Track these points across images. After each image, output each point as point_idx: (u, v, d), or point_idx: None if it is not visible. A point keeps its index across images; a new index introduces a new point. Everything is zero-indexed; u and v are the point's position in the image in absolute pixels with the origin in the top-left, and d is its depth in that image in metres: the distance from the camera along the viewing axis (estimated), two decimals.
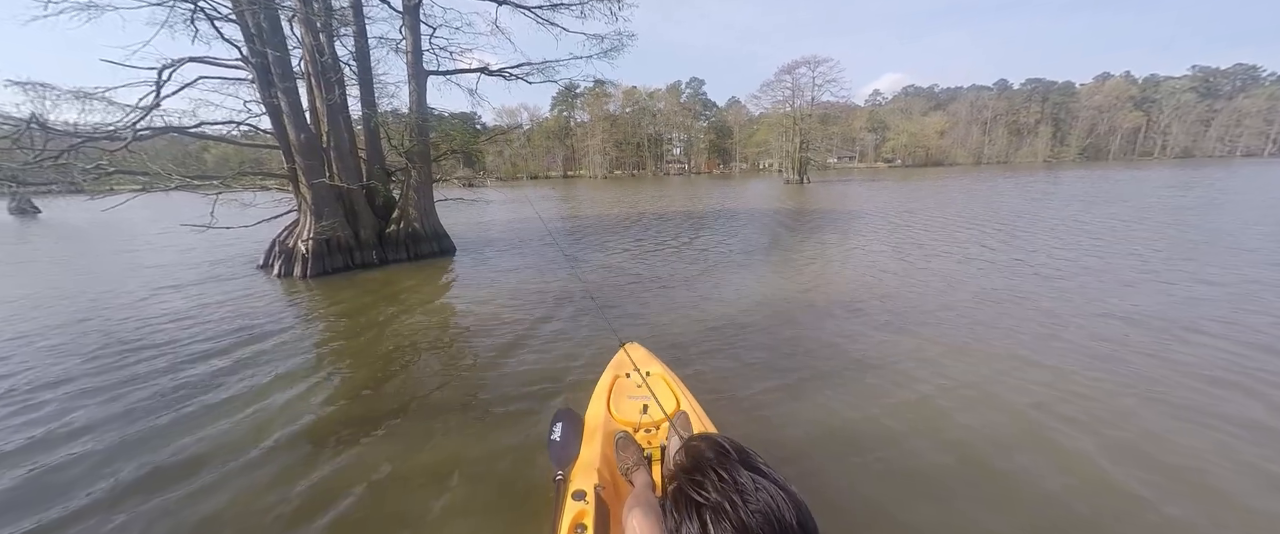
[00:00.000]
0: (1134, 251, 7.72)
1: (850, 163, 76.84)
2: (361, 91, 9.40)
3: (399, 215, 9.34)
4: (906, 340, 4.34)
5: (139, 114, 7.52)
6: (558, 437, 1.91)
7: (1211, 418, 2.94)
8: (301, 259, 7.92)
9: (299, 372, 4.16)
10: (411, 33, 9.14)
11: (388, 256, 8.99)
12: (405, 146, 9.47)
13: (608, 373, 2.53)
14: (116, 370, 4.27)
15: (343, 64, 9.23)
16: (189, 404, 3.59)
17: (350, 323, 5.64)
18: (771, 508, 0.58)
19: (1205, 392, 3.25)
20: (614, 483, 1.74)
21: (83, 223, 19.15)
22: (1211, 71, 76.32)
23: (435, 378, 4.00)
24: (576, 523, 1.45)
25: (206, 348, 4.77)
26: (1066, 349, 4.04)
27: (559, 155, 73.33)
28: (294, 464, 2.82)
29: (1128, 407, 3.11)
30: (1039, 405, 3.17)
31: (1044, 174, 35.77)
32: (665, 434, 1.94)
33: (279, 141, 8.08)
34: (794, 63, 40.08)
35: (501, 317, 5.64)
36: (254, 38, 7.52)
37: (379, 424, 3.25)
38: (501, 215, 17.90)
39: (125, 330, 5.40)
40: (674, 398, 2.21)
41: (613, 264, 8.42)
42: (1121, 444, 2.73)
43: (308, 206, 8.12)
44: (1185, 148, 73.84)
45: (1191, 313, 4.74)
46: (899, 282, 6.49)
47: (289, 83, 7.73)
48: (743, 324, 4.92)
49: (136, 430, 3.25)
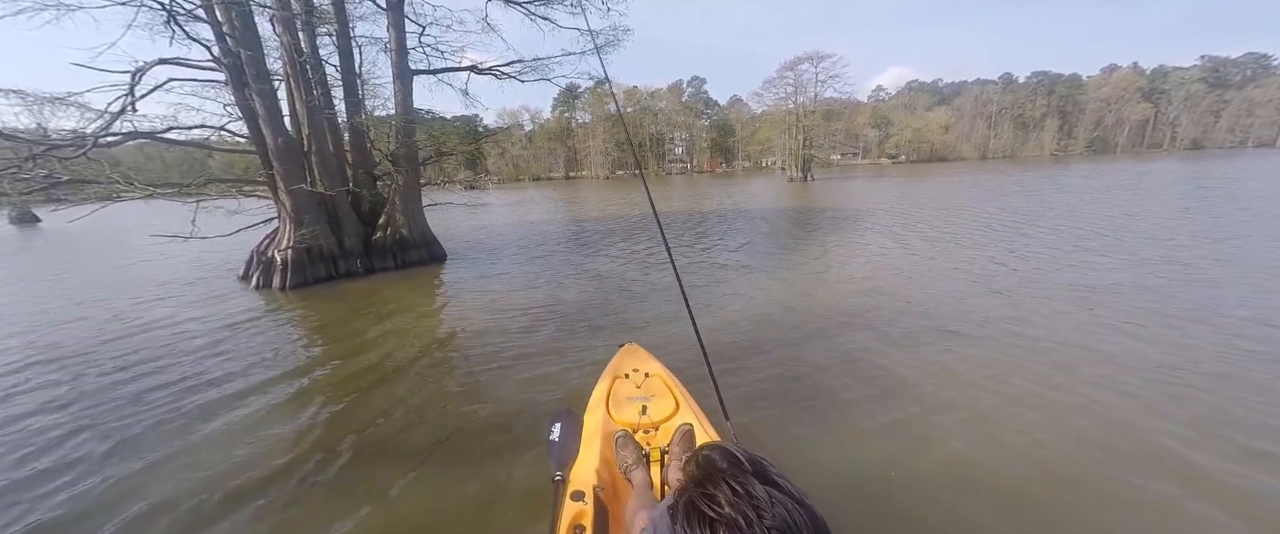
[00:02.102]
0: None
1: (853, 159, 76.03)
2: (345, 92, 8.99)
3: (385, 221, 8.91)
4: (933, 359, 3.85)
5: (108, 119, 7.13)
6: (557, 437, 1.88)
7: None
8: (280, 269, 7.50)
9: (259, 395, 3.73)
10: (395, 30, 8.71)
11: (374, 265, 8.57)
12: (390, 149, 9.04)
13: (607, 374, 2.49)
14: (45, 408, 3.84)
15: (326, 63, 8.83)
16: (108, 442, 3.16)
17: (327, 338, 5.22)
18: (788, 524, 0.56)
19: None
20: (613, 484, 1.72)
21: (81, 231, 18.90)
22: (1221, 61, 74.92)
23: (415, 397, 3.61)
24: (575, 523, 1.44)
25: (154, 374, 4.34)
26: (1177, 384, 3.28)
27: (561, 157, 73.10)
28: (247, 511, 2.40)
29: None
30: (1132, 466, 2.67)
31: (1054, 168, 35.03)
32: (665, 436, 1.91)
33: (256, 146, 7.66)
34: (796, 59, 39.49)
35: (489, 327, 5.23)
36: (226, 36, 7.11)
37: (354, 452, 2.88)
38: (499, 219, 17.49)
39: (70, 353, 4.98)
40: (673, 399, 2.17)
41: (610, 271, 7.96)
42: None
43: (287, 214, 7.70)
44: (1194, 139, 72.51)
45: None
46: (924, 292, 5.98)
47: (264, 84, 7.31)
48: (752, 340, 4.45)
49: (69, 476, 2.82)
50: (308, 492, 2.60)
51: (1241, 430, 2.70)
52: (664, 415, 2.05)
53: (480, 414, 3.34)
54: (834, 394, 3.35)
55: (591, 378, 3.22)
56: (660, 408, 2.10)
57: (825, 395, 3.34)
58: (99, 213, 7.86)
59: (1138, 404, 3.03)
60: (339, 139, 9.30)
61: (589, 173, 70.99)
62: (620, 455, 1.76)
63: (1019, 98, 79.31)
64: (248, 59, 7.13)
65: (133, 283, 8.57)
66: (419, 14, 9.83)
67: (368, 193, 9.09)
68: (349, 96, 8.96)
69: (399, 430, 3.18)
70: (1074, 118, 77.80)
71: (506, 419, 3.22)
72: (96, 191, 7.65)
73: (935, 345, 4.09)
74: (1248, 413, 2.87)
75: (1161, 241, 7.75)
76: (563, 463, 1.76)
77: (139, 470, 2.87)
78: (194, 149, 9.28)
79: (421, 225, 9.40)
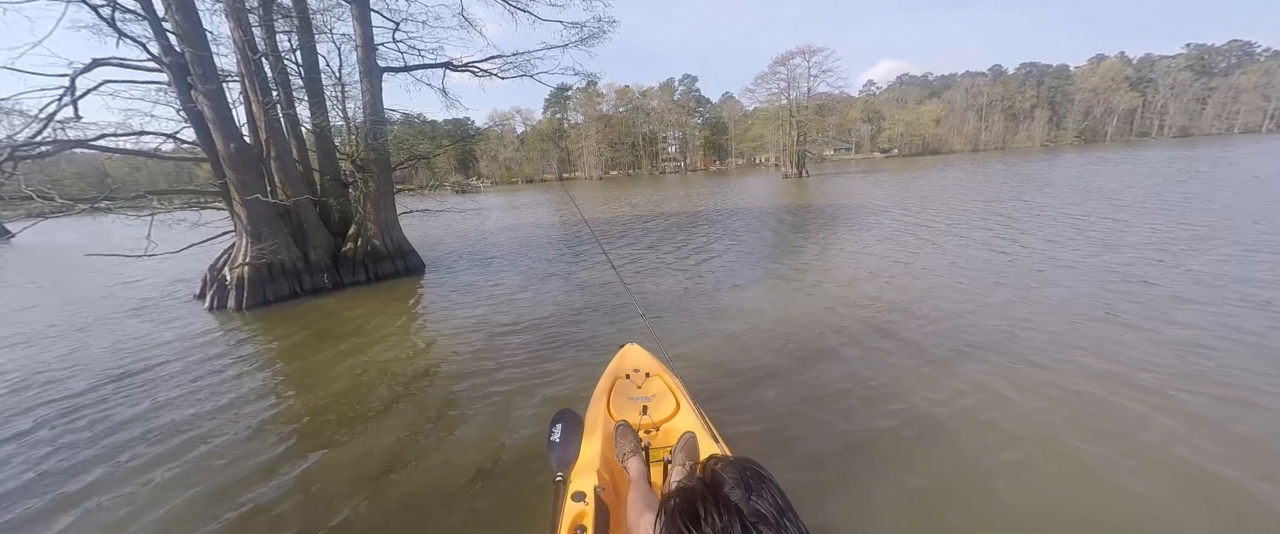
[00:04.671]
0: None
1: (846, 154, 75.90)
2: (309, 93, 8.31)
3: (355, 232, 8.25)
4: (963, 375, 3.29)
5: (37, 127, 6.44)
6: (557, 438, 1.87)
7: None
8: (236, 288, 6.84)
9: (190, 441, 3.10)
10: (360, 24, 8.05)
11: (343, 279, 7.91)
12: (358, 153, 8.38)
13: (607, 374, 2.48)
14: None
15: (287, 61, 8.16)
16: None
17: (285, 366, 4.64)
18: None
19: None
20: (614, 484, 1.72)
21: (53, 246, 17.98)
22: (1207, 49, 75.63)
23: (374, 433, 2.99)
24: (576, 524, 1.42)
25: (59, 421, 3.68)
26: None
27: (554, 158, 72.49)
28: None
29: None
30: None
31: (1047, 158, 34.83)
32: (666, 436, 1.90)
33: (206, 153, 6.99)
34: (789, 53, 38.95)
35: (464, 348, 4.67)
36: (166, 34, 6.43)
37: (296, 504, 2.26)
38: (487, 223, 16.84)
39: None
40: (674, 400, 2.16)
41: (599, 280, 7.36)
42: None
43: (243, 226, 7.04)
44: (1182, 127, 73.10)
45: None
46: (952, 301, 5.44)
47: (213, 85, 6.63)
48: (759, 363, 3.87)
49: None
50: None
51: None
52: (665, 416, 2.03)
53: (448, 458, 2.84)
54: (857, 425, 2.79)
55: (587, 386, 2.89)
56: (661, 409, 2.08)
57: (846, 428, 2.77)
58: (71, 225, 7.16)
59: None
60: (303, 144, 8.63)
61: (583, 173, 70.42)
62: (618, 443, 1.75)
63: (1009, 89, 79.56)
64: (193, 58, 6.46)
65: (78, 304, 7.87)
66: (392, 9, 9.20)
67: (336, 201, 8.43)
68: (313, 98, 8.29)
69: (351, 477, 2.60)
70: (1063, 108, 78.20)
71: (488, 456, 2.85)
72: (34, 207, 6.94)
73: (984, 366, 3.53)
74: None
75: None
76: (563, 463, 1.75)
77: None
78: (145, 159, 8.56)
79: (396, 235, 8.75)
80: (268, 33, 7.74)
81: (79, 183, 12.07)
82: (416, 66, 9.15)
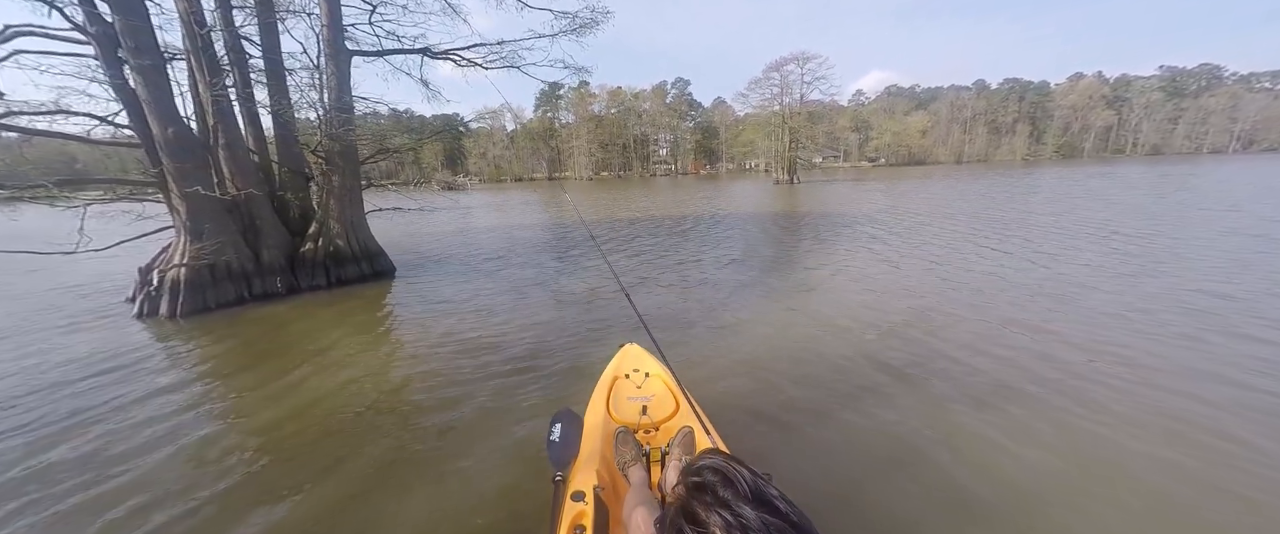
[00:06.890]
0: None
1: (835, 162, 76.65)
2: (268, 75, 7.50)
3: (315, 231, 7.44)
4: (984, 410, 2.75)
5: None
6: (557, 437, 1.85)
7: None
8: (170, 291, 5.99)
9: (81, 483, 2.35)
10: (326, 2, 7.27)
11: (300, 283, 7.10)
12: (319, 143, 7.59)
13: (607, 373, 2.45)
14: None
15: (243, 39, 7.34)
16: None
17: (212, 388, 3.91)
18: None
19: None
20: (613, 484, 1.70)
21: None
22: (1178, 71, 78.62)
23: (328, 480, 2.28)
24: (575, 524, 1.41)
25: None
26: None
27: (544, 157, 71.60)
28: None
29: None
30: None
31: (1027, 172, 35.35)
32: (665, 436, 1.88)
33: (140, 137, 6.14)
34: (783, 59, 38.94)
35: (428, 371, 3.99)
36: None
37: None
38: (471, 222, 16.02)
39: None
40: (674, 400, 2.16)
41: (585, 289, 6.71)
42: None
43: (181, 222, 6.20)
44: (1155, 145, 75.78)
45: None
46: (960, 321, 4.93)
47: (147, 60, 5.79)
48: (759, 363, 3.29)
49: None
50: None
51: None
52: (664, 416, 2.05)
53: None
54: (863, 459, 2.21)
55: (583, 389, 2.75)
56: (661, 408, 2.10)
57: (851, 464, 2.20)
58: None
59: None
60: (261, 132, 7.80)
61: (573, 174, 69.65)
62: (619, 451, 1.73)
63: (992, 103, 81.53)
64: (124, 27, 5.63)
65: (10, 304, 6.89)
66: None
67: (296, 196, 7.61)
68: (273, 81, 7.48)
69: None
70: (1043, 123, 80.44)
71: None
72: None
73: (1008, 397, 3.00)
74: None
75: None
76: (563, 463, 1.74)
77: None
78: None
79: (362, 235, 7.95)
80: (221, 4, 6.92)
81: (35, 170, 10.95)
82: (391, 51, 8.40)
